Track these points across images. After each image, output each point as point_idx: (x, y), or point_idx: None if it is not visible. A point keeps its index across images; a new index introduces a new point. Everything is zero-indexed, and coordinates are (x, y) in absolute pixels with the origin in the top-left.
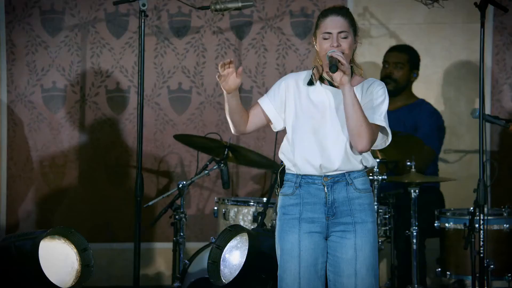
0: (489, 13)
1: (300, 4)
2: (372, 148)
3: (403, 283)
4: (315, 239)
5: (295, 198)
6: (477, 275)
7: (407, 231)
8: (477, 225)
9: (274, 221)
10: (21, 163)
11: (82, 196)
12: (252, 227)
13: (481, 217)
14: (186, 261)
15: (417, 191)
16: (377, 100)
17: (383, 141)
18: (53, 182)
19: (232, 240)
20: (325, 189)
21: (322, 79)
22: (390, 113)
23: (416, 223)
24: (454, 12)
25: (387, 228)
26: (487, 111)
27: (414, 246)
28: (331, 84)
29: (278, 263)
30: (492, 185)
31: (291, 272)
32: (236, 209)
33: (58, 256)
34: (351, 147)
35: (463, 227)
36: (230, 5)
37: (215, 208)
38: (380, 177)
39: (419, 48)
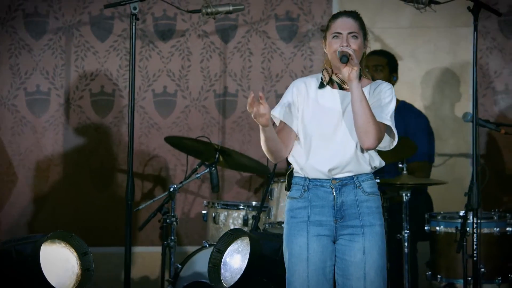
0: (472, 18)
1: (285, 8)
2: (378, 149)
3: (395, 286)
4: (324, 242)
5: (303, 201)
6: (469, 278)
7: (398, 235)
8: (468, 229)
9: (266, 225)
10: (4, 167)
11: (66, 200)
12: None
13: (475, 221)
14: (178, 265)
15: (408, 194)
16: (384, 100)
17: (390, 142)
18: (36, 186)
19: (233, 244)
20: (334, 192)
21: (331, 82)
22: None
23: (408, 227)
24: (439, 16)
25: None
26: None
27: (406, 250)
28: (341, 88)
29: (286, 266)
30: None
31: (300, 275)
32: (226, 213)
33: (58, 260)
34: (361, 149)
35: (454, 231)
36: (221, 9)
37: (205, 212)
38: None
39: (403, 51)
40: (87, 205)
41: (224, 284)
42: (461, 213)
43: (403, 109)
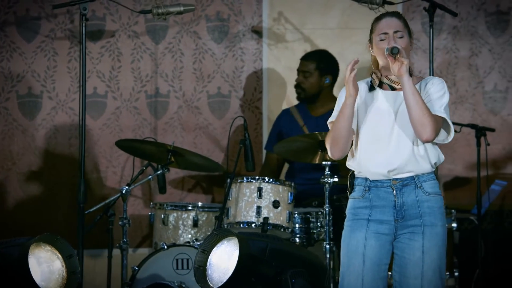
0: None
1: (215, 8)
2: (435, 142)
3: None
4: (382, 241)
5: (365, 201)
6: None
7: None
8: None
9: (225, 225)
10: None
11: None
12: (193, 231)
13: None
14: (134, 267)
15: None
16: (437, 94)
17: (445, 136)
18: None
19: (219, 244)
20: (394, 192)
21: (381, 85)
22: (318, 119)
23: None
24: (366, 17)
25: None
26: None
27: None
28: (392, 88)
29: (342, 261)
30: None
31: (355, 269)
32: (175, 214)
33: (44, 263)
34: (417, 147)
35: None
36: (172, 9)
37: (152, 213)
38: (331, 180)
39: (333, 52)
40: (15, 209)
41: (211, 285)
42: None
43: None
